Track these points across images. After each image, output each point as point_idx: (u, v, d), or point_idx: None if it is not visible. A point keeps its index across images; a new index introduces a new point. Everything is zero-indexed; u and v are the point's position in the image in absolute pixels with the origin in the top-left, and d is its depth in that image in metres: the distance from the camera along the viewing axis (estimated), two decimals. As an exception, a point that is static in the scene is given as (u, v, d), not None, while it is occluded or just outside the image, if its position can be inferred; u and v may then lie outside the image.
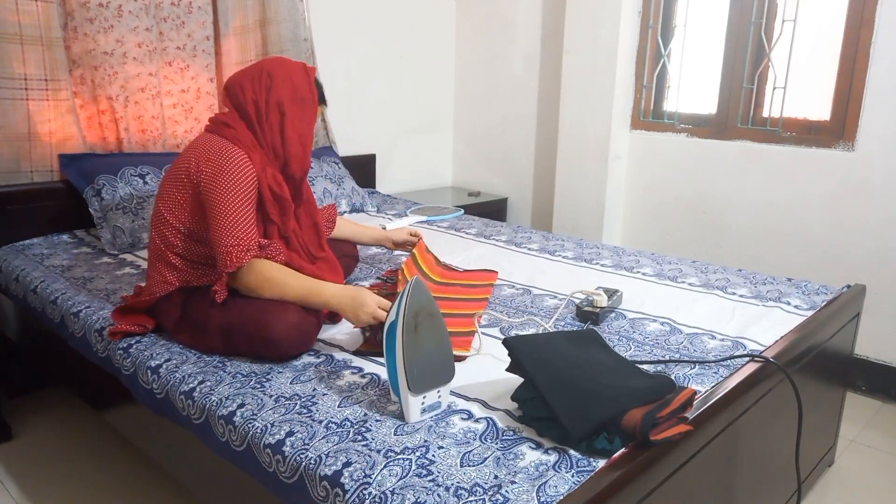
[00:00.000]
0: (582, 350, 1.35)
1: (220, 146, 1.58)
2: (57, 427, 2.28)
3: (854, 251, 2.60)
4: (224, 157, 1.56)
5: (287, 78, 1.65)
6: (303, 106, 1.67)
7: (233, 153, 1.57)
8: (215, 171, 1.55)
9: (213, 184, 1.54)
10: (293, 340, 1.50)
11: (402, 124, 3.66)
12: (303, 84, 1.67)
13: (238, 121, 1.64)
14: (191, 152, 1.61)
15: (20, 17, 2.20)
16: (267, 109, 1.63)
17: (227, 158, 1.56)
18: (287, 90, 1.64)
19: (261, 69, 1.66)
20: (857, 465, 2.16)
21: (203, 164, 1.57)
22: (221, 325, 1.53)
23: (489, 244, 2.53)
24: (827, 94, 2.62)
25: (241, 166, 1.56)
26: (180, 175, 1.60)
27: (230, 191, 1.54)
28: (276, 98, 1.63)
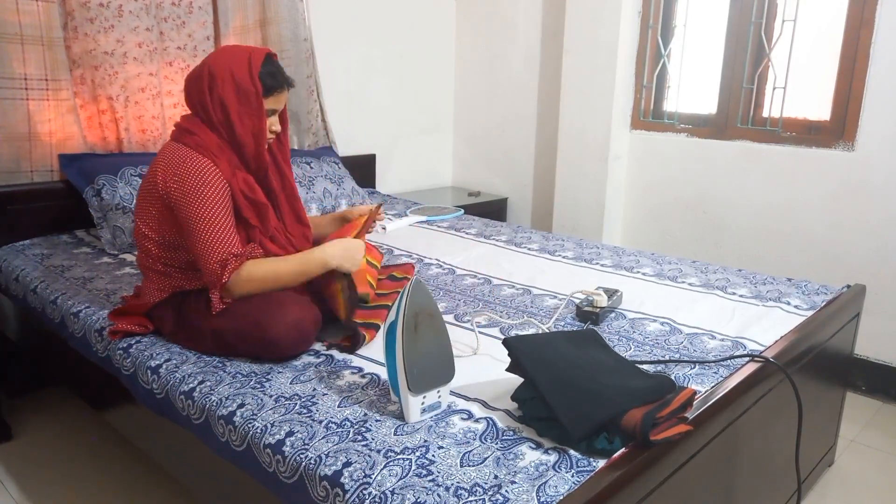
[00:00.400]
0: (582, 350, 1.35)
1: (183, 157, 1.55)
2: (57, 427, 2.28)
3: (854, 251, 2.60)
4: (189, 169, 1.53)
5: (227, 73, 1.57)
6: (247, 99, 1.58)
7: (197, 164, 1.54)
8: (183, 187, 1.52)
9: (183, 199, 1.52)
10: (292, 340, 1.50)
11: (402, 124, 3.66)
12: (244, 77, 1.57)
13: (199, 124, 1.60)
14: (158, 164, 1.58)
15: (20, 17, 2.20)
16: (213, 108, 1.59)
17: (193, 171, 1.53)
18: (229, 86, 1.57)
19: (202, 67, 1.61)
20: (857, 465, 2.16)
21: (169, 179, 1.53)
22: (218, 328, 1.53)
23: (489, 244, 2.53)
24: (827, 94, 2.62)
25: (208, 177, 1.53)
26: (149, 188, 1.59)
27: (201, 205, 1.51)
28: (218, 95, 1.57)
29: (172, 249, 1.60)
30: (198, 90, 1.60)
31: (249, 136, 1.61)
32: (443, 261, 2.30)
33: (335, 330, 1.68)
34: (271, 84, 1.61)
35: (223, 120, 1.59)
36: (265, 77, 1.60)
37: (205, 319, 1.55)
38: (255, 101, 1.59)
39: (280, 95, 1.65)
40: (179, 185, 1.52)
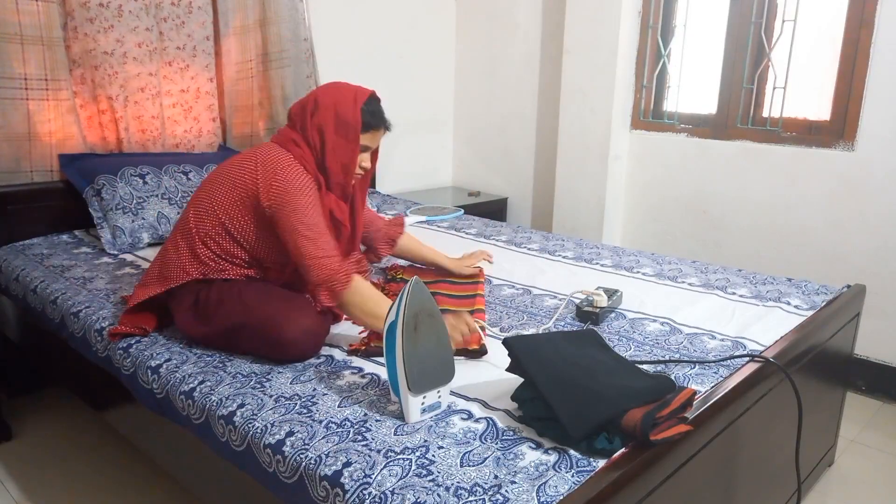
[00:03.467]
0: (582, 350, 1.35)
1: (286, 162, 1.61)
2: (57, 427, 2.28)
3: (854, 251, 2.60)
4: (291, 172, 1.59)
5: (331, 105, 1.65)
6: (346, 133, 1.65)
7: (298, 170, 1.60)
8: (283, 187, 1.57)
9: (280, 198, 1.56)
10: (306, 344, 1.51)
11: (402, 124, 3.63)
12: (346, 111, 1.65)
13: (302, 141, 1.66)
14: (256, 159, 1.62)
15: (20, 16, 2.20)
16: (311, 133, 1.66)
17: (294, 174, 1.59)
18: (329, 117, 1.65)
19: (312, 94, 1.70)
20: (857, 465, 2.16)
21: (271, 178, 1.58)
22: (233, 321, 1.54)
23: (489, 244, 2.53)
24: (827, 94, 2.62)
25: (307, 183, 1.60)
26: (243, 178, 1.61)
27: (300, 206, 1.57)
28: (318, 123, 1.65)
29: (229, 239, 1.63)
30: (301, 115, 1.67)
31: (338, 167, 1.68)
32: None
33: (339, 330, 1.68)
34: (370, 121, 1.68)
35: (318, 146, 1.66)
36: (366, 114, 1.67)
37: (222, 308, 1.56)
38: (352, 134, 1.66)
39: (376, 134, 1.73)
40: (280, 186, 1.57)
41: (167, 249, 1.69)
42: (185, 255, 1.64)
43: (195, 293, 1.61)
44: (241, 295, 1.58)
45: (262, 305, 1.55)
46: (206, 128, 2.74)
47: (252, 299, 1.57)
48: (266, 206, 1.58)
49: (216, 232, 1.63)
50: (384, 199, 3.29)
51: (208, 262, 1.63)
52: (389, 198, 3.33)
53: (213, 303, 1.58)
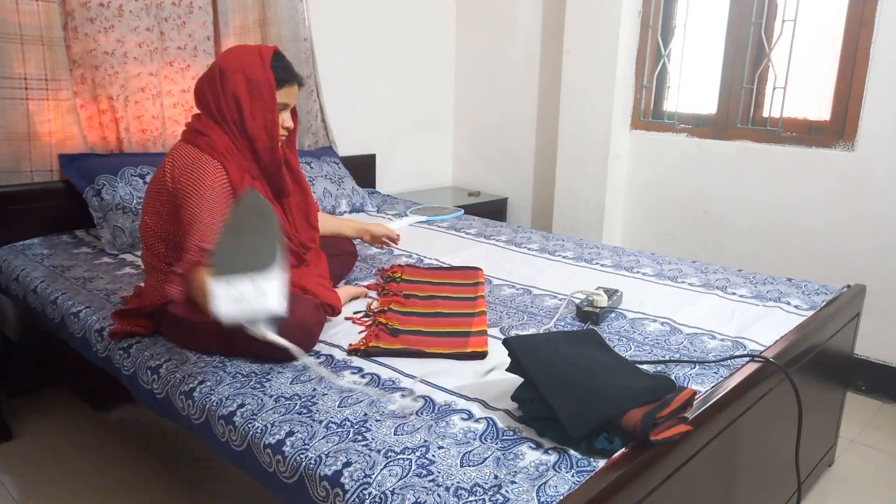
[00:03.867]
0: (582, 350, 1.35)
1: (193, 158, 1.56)
2: (57, 427, 2.28)
3: (854, 251, 2.60)
4: (197, 170, 1.54)
5: (238, 68, 1.59)
6: (260, 93, 1.59)
7: (205, 165, 1.55)
8: (189, 186, 1.53)
9: (186, 198, 1.53)
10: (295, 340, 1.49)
11: (402, 124, 3.66)
12: (256, 70, 1.59)
13: (211, 125, 1.61)
14: (166, 164, 1.60)
15: (20, 16, 2.20)
16: (226, 104, 1.59)
17: (200, 172, 1.54)
18: (240, 80, 1.58)
19: (214, 67, 1.62)
20: (857, 465, 2.16)
21: (178, 178, 1.55)
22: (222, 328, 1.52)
23: (489, 244, 2.53)
24: (827, 94, 2.62)
25: (211, 181, 1.54)
26: (159, 186, 1.61)
27: (199, 205, 1.52)
28: (231, 90, 1.58)
29: (176, 249, 1.61)
30: (210, 88, 1.61)
31: (262, 131, 1.61)
32: (443, 261, 2.30)
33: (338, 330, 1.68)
34: (282, 76, 1.62)
35: (236, 116, 1.60)
36: (277, 69, 1.61)
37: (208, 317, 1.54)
38: (267, 93, 1.59)
39: (291, 89, 1.65)
40: (186, 184, 1.54)
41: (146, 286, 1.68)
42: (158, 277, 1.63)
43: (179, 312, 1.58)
44: None
45: None
46: (206, 128, 2.74)
47: None
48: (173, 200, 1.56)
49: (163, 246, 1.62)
50: (384, 199, 3.29)
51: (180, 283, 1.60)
52: (389, 198, 3.33)
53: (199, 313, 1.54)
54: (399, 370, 1.47)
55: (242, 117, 1.60)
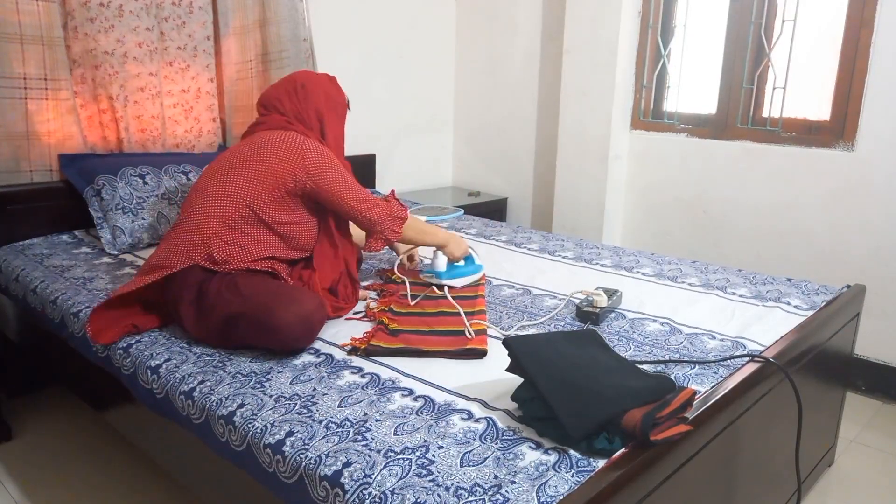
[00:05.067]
0: (582, 350, 1.35)
1: (307, 139, 1.75)
2: (57, 427, 2.28)
3: (854, 251, 2.60)
4: (317, 146, 1.75)
5: (319, 88, 1.84)
6: (336, 110, 1.87)
7: (317, 144, 1.76)
8: (320, 160, 1.73)
9: (321, 170, 1.73)
10: (296, 332, 1.51)
11: (402, 124, 3.66)
12: (333, 90, 1.87)
13: (297, 124, 1.80)
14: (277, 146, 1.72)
15: (20, 16, 2.20)
16: (307, 117, 1.81)
17: (320, 148, 1.76)
18: (321, 98, 1.83)
19: (293, 82, 1.83)
20: (857, 465, 2.16)
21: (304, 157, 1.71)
22: (230, 311, 1.55)
23: (489, 244, 2.53)
24: (827, 94, 2.62)
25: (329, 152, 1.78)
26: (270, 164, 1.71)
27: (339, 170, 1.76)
28: (314, 106, 1.82)
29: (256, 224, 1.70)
30: (290, 99, 1.82)
31: (335, 143, 1.87)
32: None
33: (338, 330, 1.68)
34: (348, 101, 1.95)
35: (318, 127, 1.84)
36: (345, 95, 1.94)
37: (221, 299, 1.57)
38: (342, 112, 1.91)
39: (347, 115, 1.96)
40: (319, 165, 1.73)
41: (171, 238, 1.71)
42: (193, 240, 1.66)
43: (197, 286, 1.62)
44: (239, 285, 1.60)
45: (258, 294, 1.57)
46: (206, 128, 2.74)
47: (249, 289, 1.59)
48: (306, 180, 1.72)
49: (241, 215, 1.69)
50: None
51: (216, 249, 1.65)
52: (389, 198, 3.33)
53: (212, 294, 1.59)
54: (399, 370, 1.47)
55: (324, 128, 1.82)
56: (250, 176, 1.70)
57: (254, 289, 1.59)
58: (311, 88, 1.82)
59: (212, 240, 1.66)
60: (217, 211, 1.68)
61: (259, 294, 1.57)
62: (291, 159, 1.71)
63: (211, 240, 1.65)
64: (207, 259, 1.65)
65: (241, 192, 1.69)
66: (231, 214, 1.68)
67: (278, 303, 1.52)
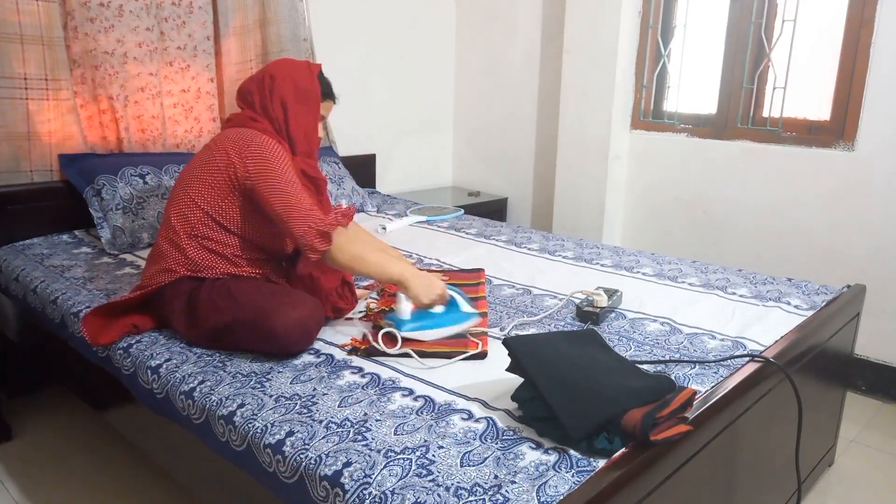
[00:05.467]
0: (582, 350, 1.35)
1: (254, 135, 1.66)
2: (57, 427, 2.28)
3: (854, 251, 2.60)
4: (262, 142, 1.65)
5: (289, 77, 1.74)
6: (306, 101, 1.75)
7: (271, 143, 1.66)
8: (259, 156, 1.62)
9: (258, 167, 1.61)
10: (294, 336, 1.50)
11: (402, 124, 3.66)
12: (305, 80, 1.75)
13: (261, 118, 1.73)
14: (224, 142, 1.67)
15: (20, 16, 2.20)
16: (273, 109, 1.72)
17: (266, 143, 1.65)
18: (289, 88, 1.73)
19: (265, 72, 1.77)
20: (857, 465, 2.16)
21: (244, 151, 1.63)
22: (225, 318, 1.54)
23: (489, 244, 2.53)
24: (827, 94, 2.62)
25: (279, 150, 1.67)
26: (215, 162, 1.65)
27: (279, 169, 1.62)
28: (279, 96, 1.72)
29: (216, 228, 1.65)
30: (258, 90, 1.74)
31: (302, 134, 1.76)
32: (443, 261, 2.30)
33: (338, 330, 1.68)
34: (325, 91, 1.82)
35: (281, 118, 1.73)
36: (322, 83, 1.80)
37: (214, 307, 1.56)
38: (313, 102, 1.78)
39: (329, 104, 1.85)
40: (256, 159, 1.62)
41: (152, 255, 1.71)
42: (172, 254, 1.65)
43: (186, 294, 1.61)
44: (232, 292, 1.58)
45: (253, 299, 1.55)
46: (206, 128, 2.74)
47: (243, 295, 1.57)
48: (245, 179, 1.62)
49: (202, 223, 1.65)
50: (384, 199, 3.29)
51: (196, 258, 1.64)
52: (389, 198, 3.33)
53: (203, 302, 1.58)
54: (399, 370, 1.47)
55: (287, 119, 1.73)
56: (204, 181, 1.65)
57: (248, 294, 1.57)
58: (280, 78, 1.73)
59: (187, 251, 1.64)
60: (182, 223, 1.65)
61: (254, 300, 1.55)
62: (237, 159, 1.62)
63: (187, 252, 1.64)
64: (191, 269, 1.64)
65: (198, 199, 1.65)
66: (194, 224, 1.65)
67: (274, 308, 1.51)
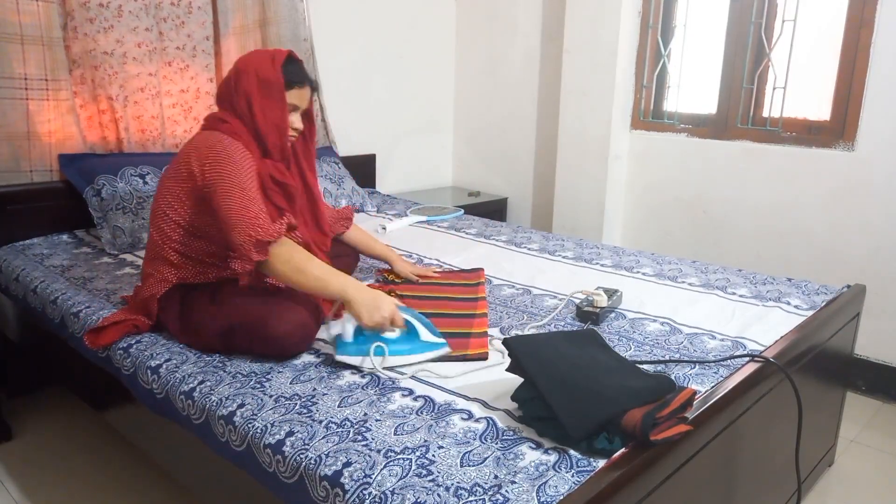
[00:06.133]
0: (582, 350, 1.35)
1: (217, 139, 1.60)
2: (57, 427, 2.28)
3: (854, 251, 2.60)
4: (222, 147, 1.58)
5: (252, 69, 1.66)
6: (270, 93, 1.65)
7: (229, 145, 1.59)
8: (215, 161, 1.55)
9: (214, 173, 1.54)
10: (294, 339, 1.50)
11: (402, 124, 3.66)
12: (267, 70, 1.65)
13: (230, 115, 1.67)
14: (189, 148, 1.62)
15: (20, 17, 2.20)
16: (239, 105, 1.66)
17: (225, 148, 1.58)
18: (251, 80, 1.65)
19: (232, 69, 1.71)
20: (857, 465, 2.16)
21: (203, 158, 1.57)
22: (222, 323, 1.54)
23: (489, 244, 2.53)
24: (827, 94, 2.62)
25: (238, 152, 1.58)
26: (180, 170, 1.61)
27: (233, 174, 1.53)
28: (242, 90, 1.65)
29: (190, 236, 1.62)
30: (226, 87, 1.69)
31: (271, 127, 1.67)
32: (443, 261, 2.30)
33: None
34: (292, 78, 1.68)
35: (247, 111, 1.66)
36: (287, 72, 1.68)
37: (209, 313, 1.56)
38: (276, 92, 1.66)
39: (301, 91, 1.72)
40: (212, 160, 1.56)
41: (145, 273, 1.69)
42: (161, 267, 1.64)
43: (179, 302, 1.61)
44: (227, 297, 1.58)
45: (249, 304, 1.55)
46: (206, 128, 2.74)
47: (239, 300, 1.57)
48: (203, 188, 1.56)
49: (176, 233, 1.62)
50: (384, 199, 3.29)
51: (183, 266, 1.63)
52: (389, 198, 3.33)
53: (198, 309, 1.58)
54: (399, 370, 1.47)
55: (252, 113, 1.66)
56: (174, 193, 1.62)
57: (243, 299, 1.56)
58: (243, 72, 1.66)
59: (174, 262, 1.63)
60: (161, 235, 1.64)
61: (251, 303, 1.55)
62: (197, 167, 1.57)
63: (172, 262, 1.63)
64: (180, 278, 1.63)
65: (170, 212, 1.62)
66: (170, 235, 1.63)
67: (272, 311, 1.50)
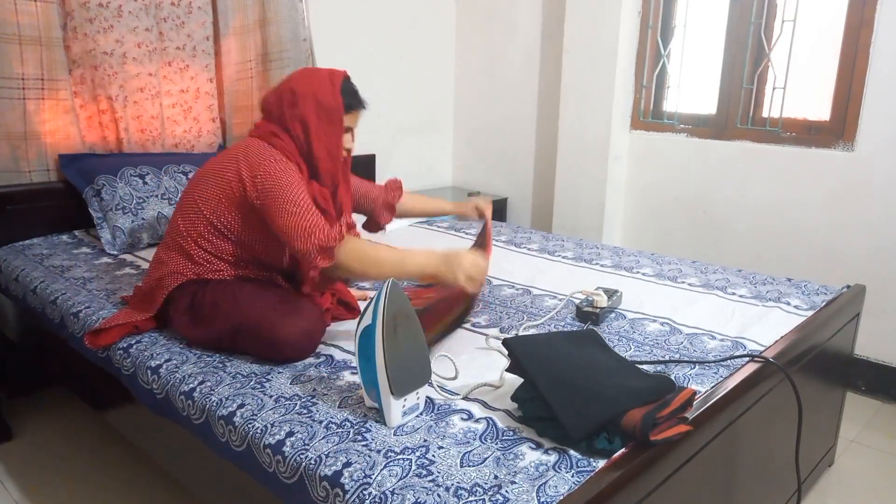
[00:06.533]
0: (582, 350, 1.35)
1: (270, 153, 1.60)
2: (57, 427, 2.28)
3: (854, 251, 2.60)
4: (275, 161, 1.58)
5: (310, 92, 1.64)
6: (329, 118, 1.65)
7: (280, 160, 1.60)
8: (267, 175, 1.56)
9: (267, 187, 1.55)
10: (300, 345, 1.51)
11: (402, 124, 3.65)
12: (327, 96, 1.65)
13: (282, 132, 1.65)
14: (239, 152, 1.63)
15: (19, 17, 2.20)
16: (293, 127, 1.64)
17: (277, 163, 1.58)
18: (310, 105, 1.64)
19: (286, 86, 1.68)
20: (857, 465, 2.16)
21: (255, 168, 1.57)
22: (231, 321, 1.54)
23: (489, 244, 2.53)
24: (827, 94, 2.62)
25: (293, 171, 1.60)
26: (225, 171, 1.61)
27: (287, 188, 1.55)
28: (299, 114, 1.63)
29: (219, 236, 1.63)
30: (278, 106, 1.66)
31: (325, 153, 1.67)
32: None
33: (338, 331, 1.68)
34: (351, 102, 1.69)
35: (302, 136, 1.65)
36: (346, 95, 1.67)
37: (219, 309, 1.56)
38: (336, 118, 1.66)
39: (356, 114, 1.73)
40: (266, 179, 1.56)
41: (159, 260, 1.70)
42: (178, 259, 1.65)
43: (191, 295, 1.61)
44: (237, 296, 1.58)
45: (257, 306, 1.55)
46: (205, 128, 2.74)
47: (247, 300, 1.57)
48: (254, 198, 1.57)
49: (205, 229, 1.63)
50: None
51: (202, 262, 1.64)
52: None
53: (208, 305, 1.58)
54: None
55: (309, 139, 1.64)
56: (211, 186, 1.63)
57: (252, 301, 1.57)
58: (301, 95, 1.64)
59: (193, 255, 1.63)
60: (188, 227, 1.64)
61: (258, 306, 1.55)
62: (247, 175, 1.58)
63: (192, 255, 1.63)
64: (196, 272, 1.64)
65: (201, 204, 1.63)
66: (198, 229, 1.64)
67: (278, 316, 1.50)
